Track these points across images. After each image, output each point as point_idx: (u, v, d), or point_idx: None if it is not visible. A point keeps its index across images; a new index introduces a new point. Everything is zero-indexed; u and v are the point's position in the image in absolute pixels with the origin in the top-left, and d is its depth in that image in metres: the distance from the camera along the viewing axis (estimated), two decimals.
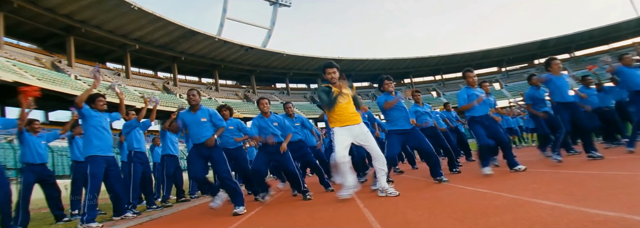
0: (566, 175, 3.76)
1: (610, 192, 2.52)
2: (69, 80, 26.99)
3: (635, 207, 2.02)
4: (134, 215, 4.83)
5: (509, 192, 2.99)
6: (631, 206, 2.05)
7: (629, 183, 2.85)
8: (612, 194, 2.45)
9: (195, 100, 4.37)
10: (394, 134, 4.65)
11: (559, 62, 5.07)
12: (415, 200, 3.33)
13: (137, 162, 5.18)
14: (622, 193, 2.43)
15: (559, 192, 2.82)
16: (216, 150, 4.20)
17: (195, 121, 4.30)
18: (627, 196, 2.33)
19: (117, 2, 28.62)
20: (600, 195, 2.50)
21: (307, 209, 3.81)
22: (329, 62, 4.19)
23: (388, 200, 3.61)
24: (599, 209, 2.03)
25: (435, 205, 2.94)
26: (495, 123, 4.90)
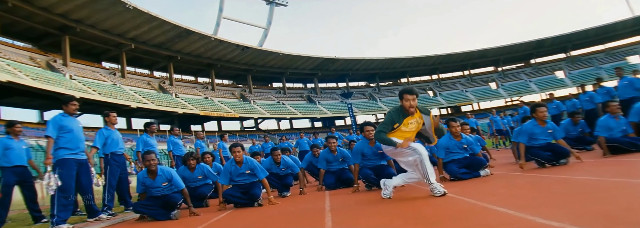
0: (537, 180, 3.80)
1: (569, 199, 2.56)
2: (64, 80, 26.93)
3: (584, 216, 2.05)
4: (109, 216, 4.87)
5: (473, 197, 3.03)
6: (581, 215, 2.09)
7: (593, 189, 2.89)
8: (569, 201, 2.49)
9: (154, 164, 4.36)
10: None
11: (544, 109, 5.02)
12: (383, 205, 3.38)
13: (114, 164, 5.21)
14: (580, 201, 2.47)
15: (521, 197, 2.86)
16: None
17: (155, 186, 4.42)
18: (583, 203, 2.36)
19: (112, 1, 28.52)
20: (558, 201, 2.54)
21: (272, 213, 3.85)
22: (410, 87, 3.76)
23: (356, 204, 3.65)
24: (547, 218, 2.06)
25: (400, 210, 2.99)
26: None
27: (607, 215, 1.96)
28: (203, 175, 5.49)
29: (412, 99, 3.54)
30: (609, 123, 5.42)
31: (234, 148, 4.68)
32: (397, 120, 3.57)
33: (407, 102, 3.54)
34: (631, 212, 1.99)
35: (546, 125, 4.97)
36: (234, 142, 5.25)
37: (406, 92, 3.61)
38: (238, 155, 4.63)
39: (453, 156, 4.80)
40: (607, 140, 5.32)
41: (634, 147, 5.15)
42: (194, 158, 5.48)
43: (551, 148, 4.84)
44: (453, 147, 4.83)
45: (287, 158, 5.86)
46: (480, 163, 4.69)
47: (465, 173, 4.60)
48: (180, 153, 7.60)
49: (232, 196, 4.56)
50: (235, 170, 4.68)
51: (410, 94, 3.57)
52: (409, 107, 3.53)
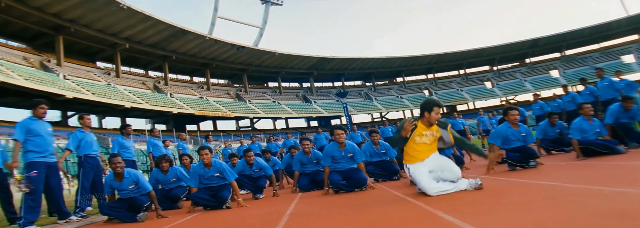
0: (498, 184, 3.80)
1: (515, 207, 2.53)
2: (57, 80, 26.88)
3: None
4: (79, 218, 4.90)
5: (430, 204, 3.04)
6: (514, 226, 2.09)
7: (545, 196, 2.86)
8: (514, 210, 2.47)
9: (120, 167, 4.39)
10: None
11: (516, 113, 5.05)
12: (345, 209, 3.40)
13: (87, 166, 5.22)
14: (521, 209, 2.44)
15: (470, 204, 2.87)
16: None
17: (122, 189, 4.48)
18: (520, 212, 2.35)
19: (106, 1, 28.47)
20: (499, 210, 2.54)
21: (235, 215, 3.89)
22: (438, 100, 3.63)
23: (321, 208, 3.68)
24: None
25: (363, 213, 3.01)
26: None
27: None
28: (176, 177, 5.51)
29: (440, 112, 3.55)
30: (582, 125, 5.44)
31: (201, 150, 4.69)
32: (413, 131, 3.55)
33: (437, 115, 3.51)
34: (562, 225, 1.99)
35: (519, 128, 5.00)
36: (225, 143, 5.25)
37: (436, 104, 3.52)
38: (206, 158, 4.64)
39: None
40: (580, 143, 5.33)
41: (607, 150, 5.15)
42: (166, 161, 5.50)
43: (520, 150, 4.88)
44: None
45: (260, 160, 5.88)
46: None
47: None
48: (160, 154, 7.59)
49: (199, 198, 4.58)
50: (204, 172, 4.70)
51: (439, 107, 3.53)
52: (436, 120, 3.53)
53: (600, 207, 2.19)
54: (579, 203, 2.39)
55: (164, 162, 5.47)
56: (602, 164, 4.34)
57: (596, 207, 2.20)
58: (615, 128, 5.82)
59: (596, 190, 2.69)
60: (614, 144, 5.25)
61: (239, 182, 5.56)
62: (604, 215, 1.99)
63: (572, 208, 2.30)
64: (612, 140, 5.37)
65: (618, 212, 2.00)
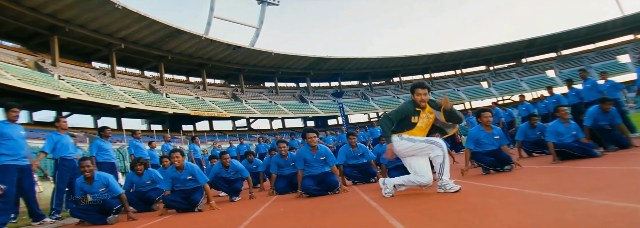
0: (464, 189, 3.82)
1: (464, 214, 2.56)
2: (52, 80, 26.82)
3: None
4: (54, 220, 4.93)
5: (389, 210, 3.05)
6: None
7: (499, 203, 2.87)
8: (463, 216, 2.49)
9: (89, 170, 4.41)
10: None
11: (489, 115, 5.06)
12: (310, 214, 3.42)
13: (63, 169, 5.24)
14: (475, 217, 2.45)
15: (428, 210, 2.88)
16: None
17: (93, 191, 4.51)
18: (471, 220, 2.36)
19: (101, 1, 28.41)
20: (452, 216, 2.55)
21: (204, 219, 3.89)
22: (420, 82, 3.73)
23: (289, 211, 3.69)
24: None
25: (321, 218, 3.03)
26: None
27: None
28: (151, 180, 5.52)
29: (423, 93, 3.55)
30: (558, 128, 5.41)
31: (172, 153, 4.70)
32: (413, 113, 3.57)
33: (419, 96, 3.54)
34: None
35: (492, 131, 4.99)
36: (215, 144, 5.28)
37: (418, 86, 3.59)
38: (177, 161, 4.65)
39: (396, 162, 4.83)
40: (556, 146, 5.28)
41: (583, 153, 5.11)
42: (141, 164, 5.51)
43: (495, 154, 4.87)
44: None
45: (236, 162, 5.88)
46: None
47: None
48: (142, 156, 7.60)
49: (172, 201, 4.60)
50: (177, 175, 4.71)
51: (422, 88, 3.56)
52: (420, 101, 3.54)
53: (547, 215, 2.18)
54: (527, 212, 2.39)
55: (139, 165, 5.48)
56: (574, 169, 4.33)
57: (544, 215, 2.20)
58: (593, 131, 5.82)
59: (551, 198, 2.69)
60: (590, 147, 5.20)
61: (215, 184, 5.58)
62: (545, 224, 1.98)
63: (520, 216, 2.30)
64: (588, 143, 5.33)
65: (560, 221, 2.00)
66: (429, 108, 3.63)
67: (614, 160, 4.60)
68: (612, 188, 2.67)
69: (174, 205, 4.62)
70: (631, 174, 3.30)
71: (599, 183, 3.00)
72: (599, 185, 2.91)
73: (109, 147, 6.40)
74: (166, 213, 4.70)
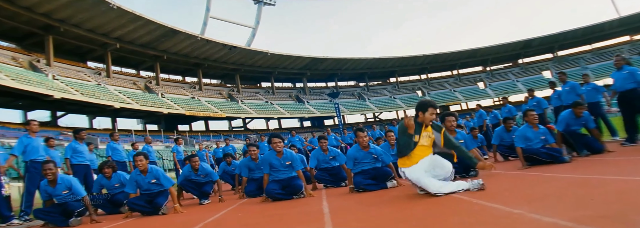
0: (412, 198, 3.78)
1: (401, 225, 2.55)
2: (46, 80, 26.81)
3: None
4: (22, 222, 4.96)
5: (335, 218, 3.07)
6: None
7: (435, 213, 2.88)
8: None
9: (51, 173, 4.44)
10: None
11: (453, 119, 5.06)
12: (267, 218, 3.43)
13: (33, 171, 5.27)
14: (413, 226, 2.46)
15: (367, 220, 2.86)
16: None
17: (57, 194, 4.56)
18: None
19: (96, 1, 28.39)
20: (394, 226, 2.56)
21: (162, 222, 3.91)
22: (432, 101, 3.68)
23: (247, 215, 3.70)
24: None
25: (269, 225, 3.05)
26: None
27: None
28: (120, 182, 5.53)
29: (435, 113, 3.58)
30: (526, 133, 5.33)
31: (136, 157, 4.72)
32: (417, 131, 3.51)
33: (431, 116, 3.55)
34: None
35: (456, 135, 4.99)
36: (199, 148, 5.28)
37: (432, 105, 3.57)
38: (141, 165, 4.67)
39: (362, 167, 4.81)
40: (524, 151, 5.23)
41: (551, 159, 5.04)
42: (108, 167, 5.53)
43: (460, 161, 4.83)
44: (362, 157, 4.80)
45: (205, 165, 5.88)
46: (387, 175, 4.69)
47: (371, 185, 4.59)
48: (119, 158, 7.62)
49: (135, 204, 4.62)
50: (141, 179, 4.72)
51: (434, 108, 3.57)
52: (430, 120, 3.55)
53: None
54: (452, 223, 2.40)
55: (106, 168, 5.50)
56: (535, 176, 4.28)
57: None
58: (565, 136, 5.77)
59: (491, 209, 2.63)
60: (559, 153, 5.13)
61: (185, 187, 5.59)
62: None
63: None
64: (556, 149, 5.27)
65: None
66: (430, 128, 3.62)
67: (579, 166, 4.54)
68: (552, 200, 2.66)
69: (137, 208, 4.64)
70: (581, 184, 3.29)
71: (544, 193, 2.99)
72: (544, 195, 2.90)
73: (84, 149, 6.41)
74: (131, 216, 4.72)
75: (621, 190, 2.66)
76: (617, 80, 6.71)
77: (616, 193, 2.56)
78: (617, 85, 6.69)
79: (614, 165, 4.36)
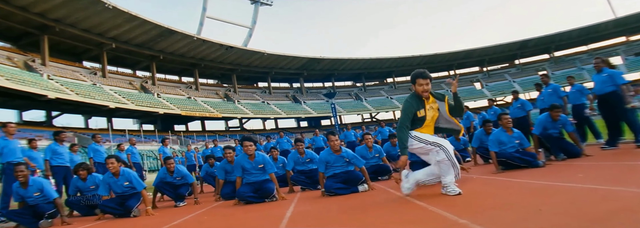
0: (368, 202, 3.81)
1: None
2: (41, 80, 26.77)
3: None
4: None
5: (293, 223, 3.09)
6: None
7: (390, 218, 2.90)
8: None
9: (22, 175, 4.53)
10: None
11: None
12: (228, 222, 3.45)
13: (10, 173, 5.28)
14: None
15: (335, 223, 2.90)
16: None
17: (28, 196, 4.61)
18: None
19: (91, 1, 28.38)
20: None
21: (129, 225, 3.93)
22: (422, 71, 3.48)
23: (213, 219, 3.72)
24: None
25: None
26: None
27: None
28: (95, 184, 5.55)
29: (425, 83, 3.38)
30: (500, 137, 5.29)
31: (107, 160, 4.73)
32: (418, 106, 3.40)
33: (421, 87, 3.38)
34: None
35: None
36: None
37: (419, 76, 3.41)
38: (112, 167, 4.68)
39: (334, 170, 4.81)
40: (498, 155, 5.19)
41: (525, 163, 4.99)
42: (83, 169, 5.54)
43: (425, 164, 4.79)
44: (333, 161, 4.77)
45: (181, 167, 5.89)
46: (357, 179, 4.68)
47: (342, 189, 4.56)
48: (100, 160, 7.62)
49: (107, 206, 4.64)
50: (114, 181, 4.74)
51: (423, 78, 3.39)
52: (422, 91, 3.39)
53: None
54: None
55: (81, 170, 5.51)
56: (503, 181, 4.26)
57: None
58: (542, 140, 5.74)
59: (443, 218, 2.64)
60: (533, 157, 5.07)
61: (160, 189, 5.61)
62: None
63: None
64: (530, 153, 5.21)
65: None
66: (432, 98, 3.51)
67: (548, 172, 4.48)
68: (503, 210, 2.63)
69: (108, 210, 4.65)
70: (540, 191, 3.22)
71: (501, 202, 2.94)
72: (499, 204, 2.86)
73: (64, 151, 6.43)
74: (103, 218, 4.73)
75: (573, 200, 2.65)
76: (597, 83, 6.58)
77: (567, 203, 2.55)
78: (597, 88, 6.61)
79: (583, 170, 4.34)
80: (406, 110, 3.40)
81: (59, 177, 6.13)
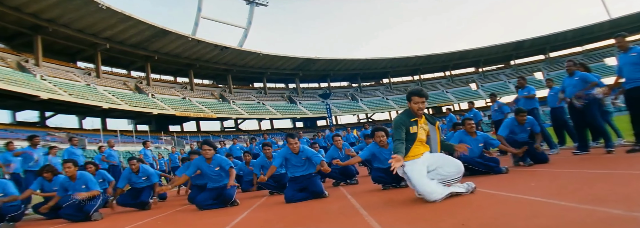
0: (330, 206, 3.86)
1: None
2: (33, 81, 26.76)
3: None
4: None
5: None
6: None
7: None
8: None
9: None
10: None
11: (382, 134, 5.04)
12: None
13: None
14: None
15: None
16: None
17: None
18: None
19: (85, 1, 28.41)
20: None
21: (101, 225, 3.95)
22: (419, 89, 3.39)
23: (160, 225, 3.75)
24: None
25: None
26: None
27: None
28: (59, 187, 5.55)
29: (421, 101, 3.29)
30: (463, 141, 5.19)
31: (64, 164, 4.74)
32: (410, 122, 3.31)
33: (416, 105, 3.30)
34: None
35: (388, 146, 4.91)
36: None
37: (416, 94, 3.31)
38: (69, 171, 4.69)
39: (294, 172, 4.82)
40: (460, 160, 5.19)
41: (487, 169, 4.92)
42: (47, 171, 5.54)
43: (388, 171, 4.70)
44: (294, 161, 4.80)
45: (146, 167, 5.89)
46: (319, 192, 4.60)
47: (304, 199, 4.55)
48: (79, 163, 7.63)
49: (67, 214, 4.65)
50: (71, 185, 4.75)
51: (419, 96, 3.29)
52: (417, 109, 3.30)
53: None
54: None
55: (46, 172, 5.52)
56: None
57: None
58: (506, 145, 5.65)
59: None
60: (496, 163, 4.99)
61: (121, 203, 5.65)
62: None
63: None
64: (494, 158, 5.15)
65: None
66: (424, 119, 3.42)
67: (505, 180, 4.35)
68: (419, 223, 2.61)
69: (68, 218, 4.67)
70: (473, 203, 3.07)
71: (418, 212, 2.87)
72: (416, 215, 2.82)
73: (38, 154, 6.45)
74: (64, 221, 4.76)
75: (502, 214, 2.44)
76: (568, 87, 6.42)
77: (492, 219, 2.39)
78: (568, 93, 6.49)
79: (539, 178, 4.23)
80: (398, 126, 3.32)
81: (30, 181, 6.15)
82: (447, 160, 3.34)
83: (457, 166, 3.31)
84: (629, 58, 5.67)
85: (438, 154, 3.42)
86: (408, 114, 3.37)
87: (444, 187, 3.22)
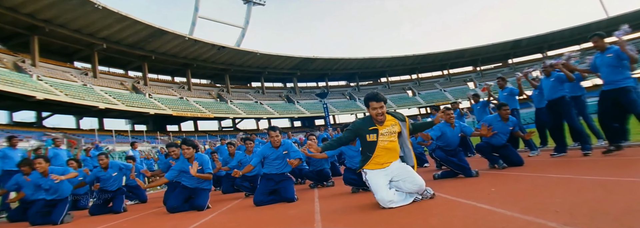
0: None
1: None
2: (30, 81, 26.81)
3: None
4: None
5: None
6: None
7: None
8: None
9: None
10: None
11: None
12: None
13: None
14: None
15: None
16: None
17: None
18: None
19: (81, 1, 28.41)
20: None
21: None
22: (375, 93, 3.27)
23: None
24: None
25: None
26: None
27: None
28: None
29: (379, 107, 3.16)
30: (444, 130, 5.19)
31: (35, 160, 4.77)
32: (367, 130, 3.22)
33: (374, 111, 3.18)
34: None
35: (356, 145, 4.89)
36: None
37: (372, 99, 3.19)
38: (40, 167, 4.71)
39: (270, 168, 4.88)
40: (433, 153, 5.27)
41: (459, 169, 4.91)
42: (25, 165, 5.56)
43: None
44: (273, 157, 4.82)
45: (115, 161, 5.93)
46: (289, 197, 4.61)
47: (272, 201, 4.62)
48: (11, 167, 7.64)
49: (32, 214, 4.68)
50: (45, 181, 4.77)
51: (377, 101, 3.18)
52: (376, 115, 3.17)
53: None
54: None
55: (23, 166, 5.55)
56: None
57: None
58: (482, 149, 5.57)
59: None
60: (466, 165, 4.94)
61: (93, 212, 5.67)
62: None
63: None
64: (464, 161, 5.07)
65: None
66: (391, 119, 3.29)
67: (470, 184, 4.26)
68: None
69: (37, 222, 4.69)
70: (425, 210, 3.03)
71: (376, 219, 2.89)
72: (374, 222, 2.84)
73: (15, 155, 6.50)
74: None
75: (435, 224, 2.55)
76: (545, 88, 6.39)
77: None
78: (545, 94, 6.45)
79: (503, 183, 4.13)
80: (350, 131, 3.29)
81: (6, 181, 6.17)
82: (412, 176, 3.20)
83: (418, 185, 3.19)
84: (606, 59, 5.66)
85: (406, 167, 3.29)
86: (367, 121, 3.26)
87: (402, 195, 3.20)
